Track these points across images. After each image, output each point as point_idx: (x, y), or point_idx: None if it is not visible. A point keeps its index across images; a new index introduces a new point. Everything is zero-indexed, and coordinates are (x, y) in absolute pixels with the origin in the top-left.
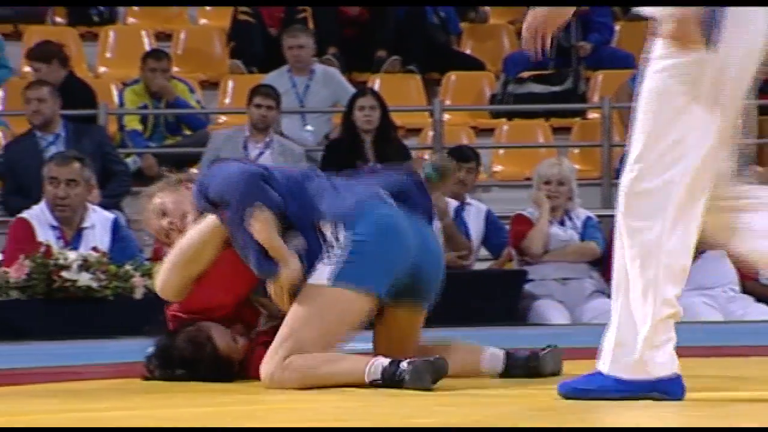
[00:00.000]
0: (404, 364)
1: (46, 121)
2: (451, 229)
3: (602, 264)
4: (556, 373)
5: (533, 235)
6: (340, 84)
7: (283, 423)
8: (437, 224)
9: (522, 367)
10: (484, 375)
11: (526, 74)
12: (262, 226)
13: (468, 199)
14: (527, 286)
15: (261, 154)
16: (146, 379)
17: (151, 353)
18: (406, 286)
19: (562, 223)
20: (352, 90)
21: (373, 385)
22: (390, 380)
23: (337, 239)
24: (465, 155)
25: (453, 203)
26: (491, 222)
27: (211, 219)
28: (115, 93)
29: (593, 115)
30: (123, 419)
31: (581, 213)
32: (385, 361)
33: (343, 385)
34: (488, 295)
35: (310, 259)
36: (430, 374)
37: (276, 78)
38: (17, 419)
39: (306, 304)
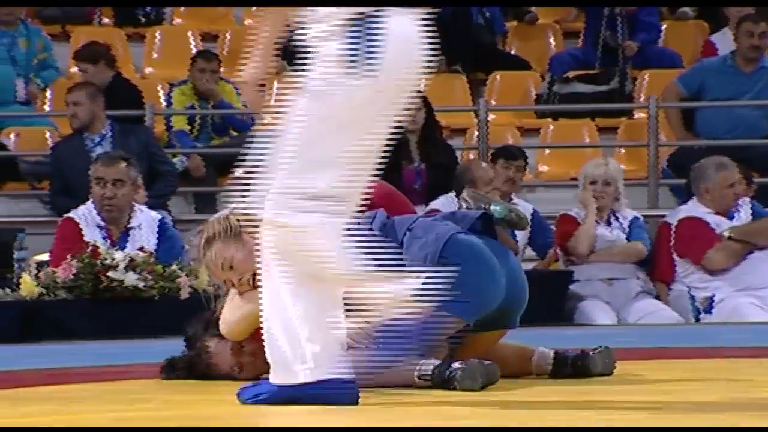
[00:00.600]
0: (456, 364)
1: (83, 125)
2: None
3: (648, 264)
4: (606, 373)
5: (579, 235)
6: None
7: (326, 423)
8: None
9: (571, 366)
10: (533, 374)
11: (571, 74)
12: None
13: (514, 199)
14: (573, 287)
15: None
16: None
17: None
18: (492, 316)
19: (608, 224)
20: None
21: (422, 380)
22: (439, 378)
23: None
24: (513, 154)
25: None
26: (537, 222)
27: None
28: (161, 93)
29: (639, 114)
30: (168, 419)
31: (628, 213)
32: (435, 360)
33: (393, 382)
34: (534, 296)
35: None
36: (482, 377)
37: None
38: (65, 419)
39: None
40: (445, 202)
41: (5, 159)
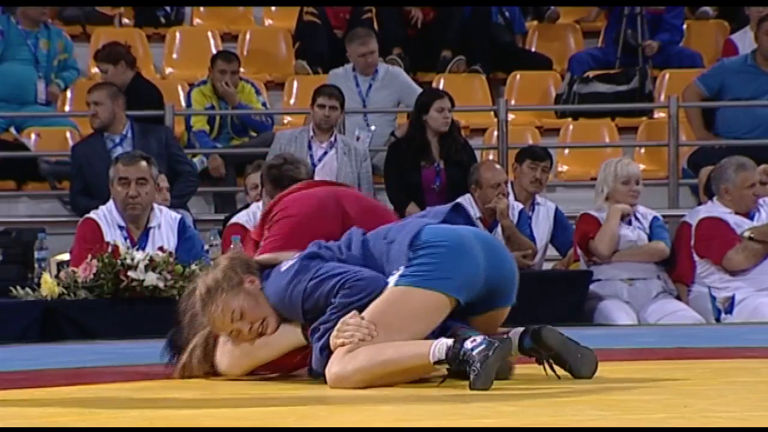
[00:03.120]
0: (468, 343)
1: (103, 124)
2: (511, 230)
3: (668, 264)
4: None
5: (602, 236)
6: (405, 83)
7: (345, 423)
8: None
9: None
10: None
11: (591, 73)
12: None
13: (537, 199)
14: (593, 287)
15: (325, 154)
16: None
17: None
18: (485, 295)
19: (629, 224)
20: (418, 89)
21: (439, 364)
22: (454, 359)
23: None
24: (539, 155)
25: (518, 206)
26: (559, 220)
27: (290, 331)
28: (181, 94)
29: (660, 114)
30: (189, 418)
31: (648, 213)
32: (448, 341)
33: (409, 369)
34: (554, 296)
35: None
36: (495, 353)
37: (340, 77)
38: (86, 419)
39: (374, 309)
40: (464, 203)
41: (26, 159)
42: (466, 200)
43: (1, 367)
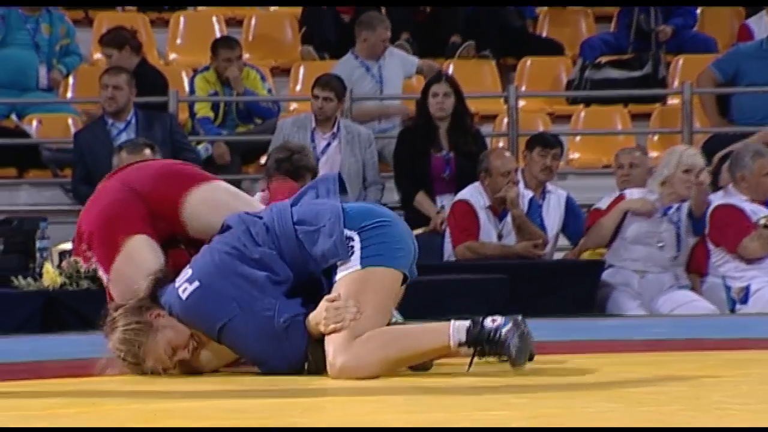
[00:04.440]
0: (489, 322)
1: (119, 109)
2: (522, 219)
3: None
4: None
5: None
6: (401, 56)
7: (349, 416)
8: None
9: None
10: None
11: (604, 59)
12: None
13: (548, 187)
14: (605, 275)
15: (328, 145)
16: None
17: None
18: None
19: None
20: (415, 59)
21: (460, 346)
22: (479, 340)
23: (349, 239)
24: (549, 142)
25: (528, 194)
26: (570, 208)
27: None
28: (185, 80)
29: (673, 100)
30: (192, 410)
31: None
32: (464, 323)
33: (427, 353)
34: (565, 286)
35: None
36: (526, 326)
37: (346, 65)
38: (88, 411)
39: (350, 290)
40: (473, 192)
41: (27, 147)
42: (475, 189)
43: (1, 359)
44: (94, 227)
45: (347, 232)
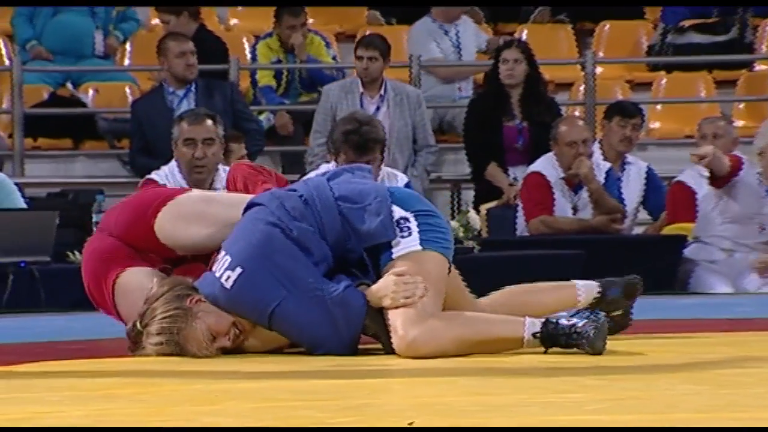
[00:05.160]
0: (564, 321)
1: (196, 77)
2: (599, 192)
3: None
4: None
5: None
6: (475, 29)
7: (418, 397)
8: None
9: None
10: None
11: (686, 23)
12: None
13: (628, 159)
14: (687, 250)
15: (378, 109)
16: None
17: None
18: None
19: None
20: (486, 36)
21: (534, 338)
22: (554, 337)
23: (403, 218)
24: (629, 111)
25: (605, 165)
26: (651, 180)
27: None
28: (246, 47)
29: (761, 66)
30: (255, 391)
31: None
32: (538, 320)
33: (499, 342)
34: (644, 262)
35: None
36: (605, 322)
37: (423, 27)
38: (145, 390)
39: (413, 268)
40: (546, 163)
41: (83, 116)
42: (548, 159)
43: (56, 337)
44: (89, 283)
45: (401, 212)
